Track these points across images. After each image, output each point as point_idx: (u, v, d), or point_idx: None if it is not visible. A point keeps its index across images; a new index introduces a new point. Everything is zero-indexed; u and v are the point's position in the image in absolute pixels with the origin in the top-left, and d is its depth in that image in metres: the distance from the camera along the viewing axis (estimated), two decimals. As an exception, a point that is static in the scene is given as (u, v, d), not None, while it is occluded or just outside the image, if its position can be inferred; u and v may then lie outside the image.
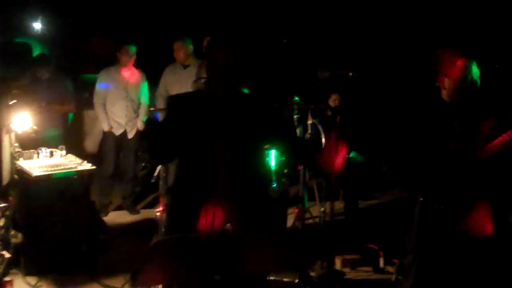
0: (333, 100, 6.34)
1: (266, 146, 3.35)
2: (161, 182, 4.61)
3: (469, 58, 3.18)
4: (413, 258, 3.34)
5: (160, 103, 6.29)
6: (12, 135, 5.01)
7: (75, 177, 4.83)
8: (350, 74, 6.69)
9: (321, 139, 5.02)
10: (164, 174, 4.59)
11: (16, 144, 5.04)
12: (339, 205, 6.12)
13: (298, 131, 4.76)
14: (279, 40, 8.72)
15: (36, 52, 7.63)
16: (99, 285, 4.60)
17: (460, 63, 3.17)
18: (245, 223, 2.85)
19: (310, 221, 5.52)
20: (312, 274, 4.73)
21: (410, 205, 3.36)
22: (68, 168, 4.88)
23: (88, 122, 7.61)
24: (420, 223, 3.30)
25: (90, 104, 6.64)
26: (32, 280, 4.62)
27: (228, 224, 2.76)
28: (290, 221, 5.23)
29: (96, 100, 6.35)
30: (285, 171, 4.72)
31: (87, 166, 4.94)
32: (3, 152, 4.58)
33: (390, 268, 4.88)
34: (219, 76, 2.86)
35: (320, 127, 4.92)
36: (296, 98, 4.87)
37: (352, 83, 6.68)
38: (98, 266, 4.86)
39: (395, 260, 4.74)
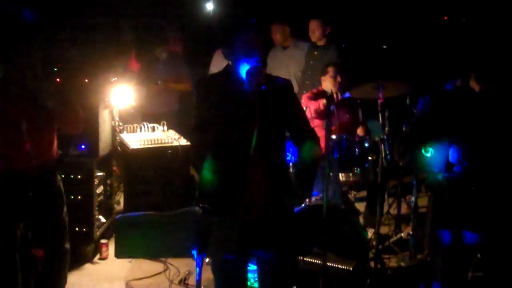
0: None
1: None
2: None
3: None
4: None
5: None
6: (115, 110, 5.33)
7: (169, 151, 5.06)
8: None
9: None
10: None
11: (117, 119, 5.36)
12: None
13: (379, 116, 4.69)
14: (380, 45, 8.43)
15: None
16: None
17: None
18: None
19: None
20: (402, 263, 4.67)
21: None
22: (164, 143, 5.14)
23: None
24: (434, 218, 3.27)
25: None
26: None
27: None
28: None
29: None
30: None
31: (183, 142, 5.15)
32: (101, 125, 4.89)
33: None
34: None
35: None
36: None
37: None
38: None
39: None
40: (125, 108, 5.53)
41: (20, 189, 3.46)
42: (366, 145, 4.82)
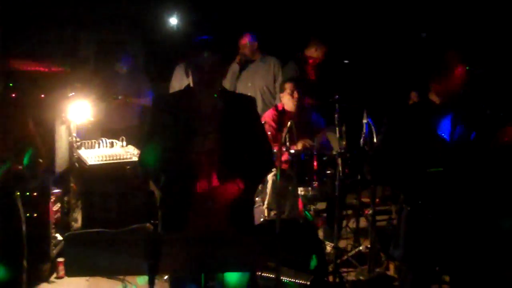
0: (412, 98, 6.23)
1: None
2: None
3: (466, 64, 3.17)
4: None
5: None
6: (72, 125, 5.26)
7: (128, 167, 5.01)
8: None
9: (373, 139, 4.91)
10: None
11: (75, 134, 5.29)
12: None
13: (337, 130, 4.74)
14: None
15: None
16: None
17: (460, 69, 3.14)
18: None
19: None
20: (361, 277, 4.69)
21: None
22: (122, 159, 5.09)
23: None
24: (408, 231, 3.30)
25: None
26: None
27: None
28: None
29: None
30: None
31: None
32: (58, 141, 4.82)
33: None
34: (207, 80, 2.90)
35: (373, 127, 4.84)
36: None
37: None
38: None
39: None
40: (83, 123, 5.45)
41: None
42: (324, 158, 4.86)
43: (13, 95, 5.22)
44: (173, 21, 8.86)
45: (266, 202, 5.07)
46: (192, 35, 6.27)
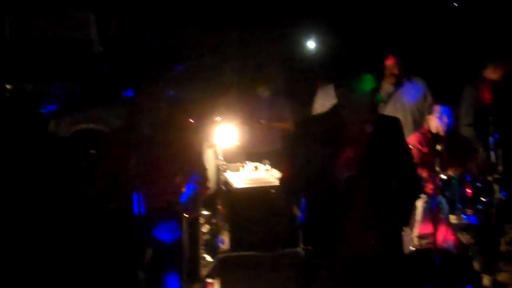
0: None
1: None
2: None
3: None
4: None
5: None
6: (218, 149, 5.43)
7: (272, 191, 5.06)
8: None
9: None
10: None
11: (221, 158, 5.45)
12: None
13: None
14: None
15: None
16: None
17: None
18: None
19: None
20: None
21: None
22: (267, 183, 5.15)
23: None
24: None
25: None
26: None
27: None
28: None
29: None
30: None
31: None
32: (206, 164, 4.99)
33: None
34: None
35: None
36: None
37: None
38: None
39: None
40: (228, 147, 5.61)
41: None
42: (478, 185, 4.58)
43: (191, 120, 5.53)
44: (311, 44, 8.92)
45: (415, 230, 4.87)
46: (337, 60, 6.27)
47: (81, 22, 7.86)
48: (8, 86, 6.79)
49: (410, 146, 4.49)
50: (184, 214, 3.84)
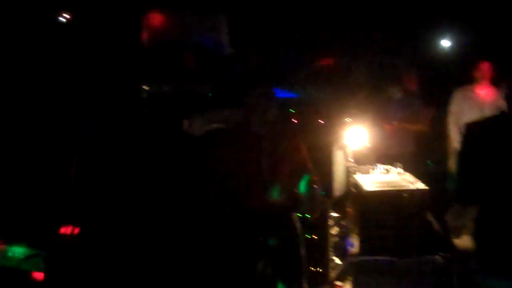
0: None
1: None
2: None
3: None
4: None
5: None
6: (348, 150, 5.31)
7: (405, 195, 4.85)
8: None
9: None
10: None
11: (351, 159, 5.33)
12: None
13: None
14: None
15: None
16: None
17: None
18: None
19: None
20: None
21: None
22: (399, 186, 4.96)
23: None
24: None
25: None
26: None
27: None
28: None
29: (450, 120, 6.30)
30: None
31: (419, 186, 4.93)
32: (335, 165, 4.91)
33: None
34: None
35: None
36: None
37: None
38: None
39: None
40: (358, 149, 5.48)
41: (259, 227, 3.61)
42: None
43: (295, 120, 5.51)
44: (446, 43, 8.52)
45: None
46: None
47: (214, 25, 8.09)
48: (145, 87, 7.10)
49: None
50: (306, 215, 3.78)
